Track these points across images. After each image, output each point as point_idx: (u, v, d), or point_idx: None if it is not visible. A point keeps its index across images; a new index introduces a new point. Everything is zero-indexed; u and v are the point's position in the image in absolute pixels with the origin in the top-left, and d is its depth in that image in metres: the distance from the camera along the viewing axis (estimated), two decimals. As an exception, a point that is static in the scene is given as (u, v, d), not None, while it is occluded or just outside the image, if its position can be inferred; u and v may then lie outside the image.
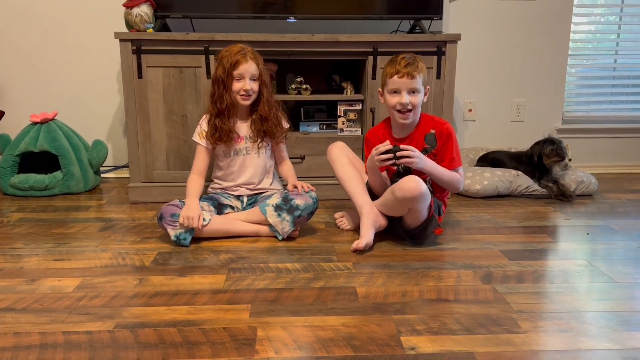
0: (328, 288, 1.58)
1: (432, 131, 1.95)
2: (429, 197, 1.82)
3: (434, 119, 2.02)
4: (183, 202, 1.96)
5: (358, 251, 1.87)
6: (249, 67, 2.01)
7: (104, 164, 2.85)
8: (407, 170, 1.88)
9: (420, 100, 1.94)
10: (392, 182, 1.90)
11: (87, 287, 1.58)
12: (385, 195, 1.93)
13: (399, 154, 1.83)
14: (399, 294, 1.53)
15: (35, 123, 2.66)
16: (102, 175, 2.94)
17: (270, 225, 1.97)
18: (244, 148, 2.11)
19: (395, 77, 1.92)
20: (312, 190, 2.03)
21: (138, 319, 1.39)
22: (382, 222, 1.97)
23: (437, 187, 1.99)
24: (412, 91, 1.92)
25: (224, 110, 2.04)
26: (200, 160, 2.12)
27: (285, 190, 2.06)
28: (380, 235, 2.01)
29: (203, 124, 2.11)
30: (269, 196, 2.06)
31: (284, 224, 1.96)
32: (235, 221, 2.02)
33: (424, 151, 1.92)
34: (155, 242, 1.96)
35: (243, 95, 2.03)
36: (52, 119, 2.69)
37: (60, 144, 2.62)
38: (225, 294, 1.53)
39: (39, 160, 2.68)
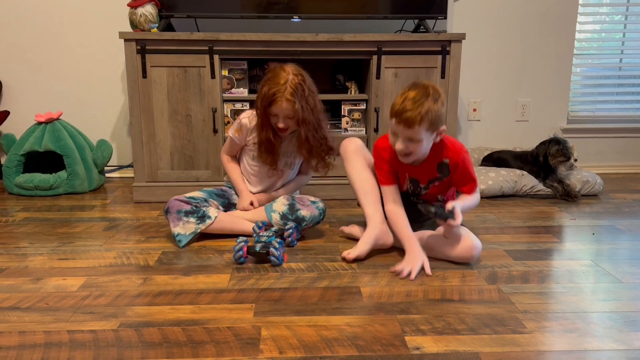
0: (332, 288, 1.57)
1: (446, 161, 1.77)
2: (479, 245, 1.75)
3: (447, 146, 1.77)
4: (191, 198, 1.96)
5: (345, 261, 1.78)
6: (283, 109, 1.89)
7: (108, 164, 2.86)
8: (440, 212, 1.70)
9: (423, 147, 1.69)
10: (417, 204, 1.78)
11: (92, 286, 1.58)
12: (429, 240, 1.80)
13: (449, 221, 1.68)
14: (403, 294, 1.53)
15: (40, 123, 2.67)
16: (107, 174, 2.95)
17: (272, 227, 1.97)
18: (282, 165, 2.08)
19: (394, 120, 1.67)
20: (319, 200, 2.02)
21: (142, 318, 1.39)
22: (388, 241, 1.85)
23: (450, 196, 1.91)
24: (410, 140, 1.67)
25: (263, 140, 1.97)
26: (230, 148, 2.12)
27: (292, 196, 2.03)
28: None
29: (245, 122, 2.02)
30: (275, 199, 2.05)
31: (288, 232, 1.94)
32: (241, 220, 2.01)
33: (435, 179, 1.81)
34: (160, 242, 1.97)
35: (279, 129, 1.96)
36: (57, 119, 2.69)
37: (65, 143, 2.62)
38: (230, 294, 1.53)
39: (44, 160, 2.69)
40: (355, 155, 1.91)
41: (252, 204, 2.05)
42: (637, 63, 3.26)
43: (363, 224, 1.94)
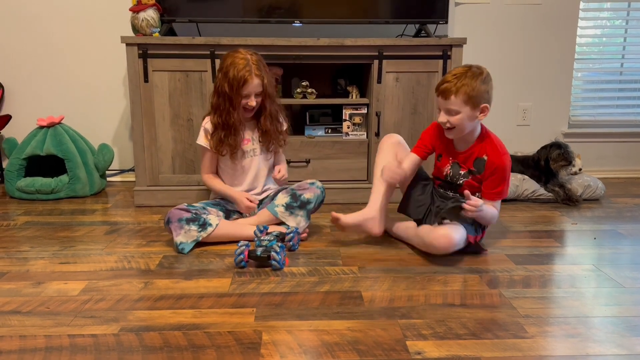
0: (333, 292, 1.57)
1: (485, 157, 1.83)
2: (462, 241, 1.78)
3: (493, 145, 1.85)
4: (191, 205, 1.96)
5: (333, 219, 1.91)
6: (254, 85, 1.97)
7: (109, 168, 2.86)
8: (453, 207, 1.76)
9: (463, 119, 1.77)
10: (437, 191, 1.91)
11: (93, 290, 1.58)
12: (408, 231, 1.95)
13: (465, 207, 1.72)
14: (404, 299, 1.53)
15: (42, 127, 2.67)
16: (108, 178, 2.95)
17: (282, 223, 1.99)
18: (252, 150, 2.10)
19: (436, 94, 1.83)
20: (316, 181, 2.07)
21: (143, 322, 1.38)
22: (375, 229, 1.94)
23: None
24: (449, 112, 1.78)
25: (230, 124, 2.01)
26: (208, 163, 2.12)
27: (289, 187, 2.06)
28: (387, 239, 2.01)
29: (207, 126, 2.07)
30: (273, 197, 2.07)
31: (299, 220, 1.98)
32: (244, 225, 2.01)
33: (469, 172, 1.87)
34: (161, 246, 1.96)
35: (246, 109, 2.02)
36: (59, 123, 2.70)
37: (66, 147, 2.63)
38: (231, 298, 1.53)
39: (46, 164, 2.69)
40: (388, 147, 2.02)
41: (250, 201, 2.04)
42: (638, 68, 3.26)
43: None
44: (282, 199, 2.01)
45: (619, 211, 2.46)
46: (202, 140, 2.09)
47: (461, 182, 1.90)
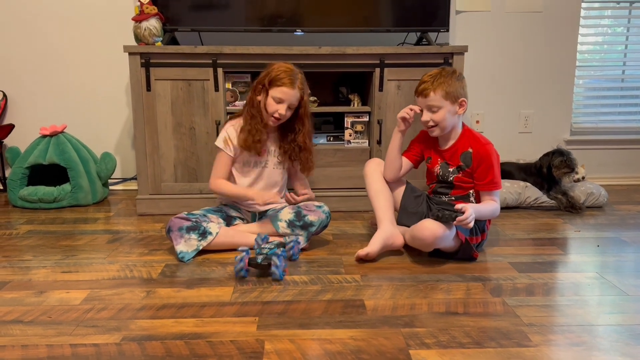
0: (336, 301, 1.56)
1: (470, 150, 1.92)
2: (449, 236, 1.79)
3: (475, 138, 1.95)
4: (191, 214, 1.96)
5: (359, 260, 1.87)
6: (292, 94, 1.93)
7: (112, 176, 2.86)
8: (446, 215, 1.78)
9: (444, 116, 1.89)
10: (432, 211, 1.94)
11: (95, 299, 1.58)
12: (406, 233, 1.94)
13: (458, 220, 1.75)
14: (407, 307, 1.52)
15: (44, 136, 2.68)
16: (111, 187, 2.96)
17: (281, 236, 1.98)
18: (265, 161, 2.07)
19: (415, 96, 1.96)
20: (323, 204, 2.03)
21: (145, 331, 1.38)
22: (397, 241, 1.94)
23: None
24: (431, 110, 1.90)
25: (257, 115, 1.97)
26: (222, 167, 2.03)
27: (297, 205, 2.03)
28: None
29: (230, 131, 2.02)
30: (280, 209, 2.05)
31: (298, 240, 1.96)
32: (244, 233, 2.01)
33: (458, 168, 1.94)
34: (163, 254, 1.96)
35: (275, 117, 1.96)
36: (62, 132, 2.71)
37: (69, 156, 2.63)
38: (233, 307, 1.52)
39: (48, 173, 2.70)
40: (372, 171, 2.06)
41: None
42: (639, 75, 3.26)
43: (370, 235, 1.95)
44: (287, 214, 2.00)
45: (622, 218, 2.45)
46: (220, 142, 2.02)
47: (451, 178, 1.96)
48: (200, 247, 1.90)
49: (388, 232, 1.92)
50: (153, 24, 2.45)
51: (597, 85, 3.29)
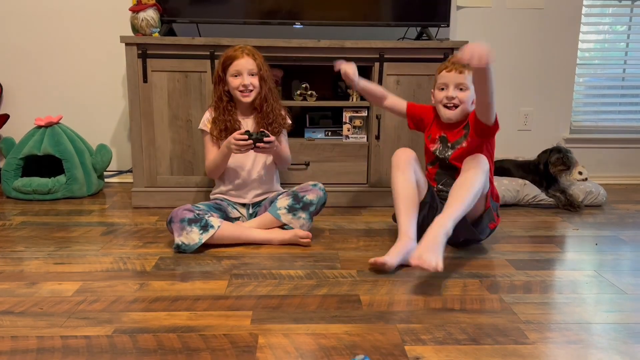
0: (331, 295, 1.55)
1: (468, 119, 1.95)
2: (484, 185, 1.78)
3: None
4: (196, 206, 1.94)
5: (374, 267, 1.73)
6: (245, 63, 2.00)
7: (107, 169, 2.84)
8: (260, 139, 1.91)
9: (469, 97, 1.90)
10: None
11: (87, 291, 1.56)
12: None
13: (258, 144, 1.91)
14: (403, 303, 1.50)
15: (39, 127, 2.66)
16: (106, 179, 2.93)
17: (284, 226, 1.98)
18: None
19: (444, 71, 1.92)
20: (317, 183, 2.06)
21: (137, 324, 1.36)
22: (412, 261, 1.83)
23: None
24: (460, 87, 1.90)
25: (225, 107, 2.04)
26: (212, 149, 2.09)
27: (291, 190, 2.04)
28: (387, 244, 1.99)
29: (207, 115, 2.11)
30: (275, 199, 2.04)
31: (302, 222, 1.97)
32: (246, 228, 1.99)
33: (464, 137, 1.93)
34: (157, 247, 1.94)
35: (242, 91, 2.02)
36: (57, 123, 2.68)
37: (64, 147, 2.61)
38: (227, 300, 1.51)
39: (43, 164, 2.68)
40: (407, 166, 1.91)
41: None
42: (640, 73, 3.25)
43: (372, 232, 1.95)
44: (284, 201, 1.99)
45: (620, 217, 2.44)
46: (203, 124, 2.11)
47: (449, 154, 1.95)
48: (202, 241, 1.87)
49: (409, 247, 1.75)
50: (150, 15, 2.43)
51: (597, 84, 3.27)
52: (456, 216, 1.67)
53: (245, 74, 2.00)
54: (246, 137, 1.91)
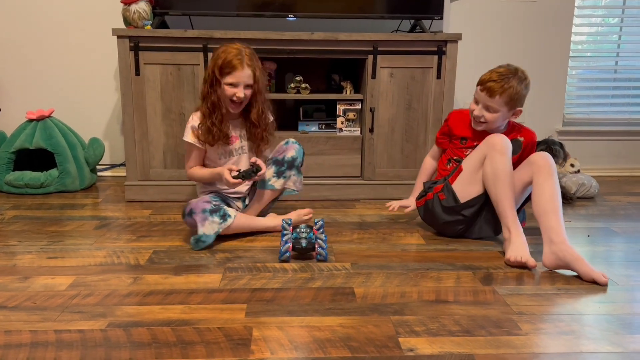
0: (325, 288, 1.55)
1: (521, 139, 1.98)
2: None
3: (523, 127, 2.04)
4: (214, 197, 1.95)
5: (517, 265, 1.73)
6: (244, 75, 1.91)
7: (100, 162, 2.82)
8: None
9: (498, 118, 1.92)
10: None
11: (81, 285, 1.55)
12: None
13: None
14: (397, 295, 1.51)
15: (31, 120, 2.64)
16: (99, 173, 2.92)
17: (283, 191, 2.04)
18: (240, 147, 2.07)
19: (479, 87, 1.93)
20: (288, 139, 2.10)
21: (131, 317, 1.36)
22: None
23: None
24: (488, 109, 1.91)
25: (215, 110, 1.95)
26: (195, 158, 2.03)
27: (269, 158, 2.09)
28: (380, 236, 2.00)
29: (194, 123, 1.99)
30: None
31: (294, 179, 2.04)
32: (255, 218, 2.04)
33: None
34: (151, 241, 1.94)
35: (234, 101, 1.94)
36: (49, 116, 2.66)
37: (56, 141, 2.59)
38: (221, 294, 1.51)
39: (35, 158, 2.66)
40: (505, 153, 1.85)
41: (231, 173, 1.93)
42: (632, 66, 3.26)
43: (365, 225, 1.94)
44: (269, 172, 2.04)
45: (612, 209, 2.46)
46: (188, 137, 2.00)
47: None
48: (220, 230, 1.87)
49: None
50: (142, 7, 2.41)
51: (590, 76, 3.28)
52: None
53: (241, 86, 1.92)
54: (239, 180, 1.89)
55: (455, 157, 2.05)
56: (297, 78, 2.53)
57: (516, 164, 1.91)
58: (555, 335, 1.30)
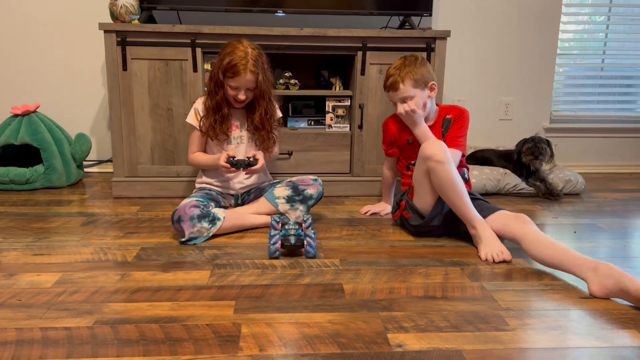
0: (314, 285, 1.55)
1: (449, 117, 2.04)
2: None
3: (453, 107, 2.10)
4: (198, 200, 1.92)
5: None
6: (246, 81, 1.97)
7: (87, 158, 2.80)
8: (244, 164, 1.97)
9: (419, 101, 1.97)
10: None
11: (67, 282, 1.54)
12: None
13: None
14: (386, 291, 1.51)
15: (16, 115, 2.60)
16: (86, 169, 2.89)
17: (279, 214, 2.00)
18: (239, 137, 2.10)
19: (386, 92, 2.04)
20: (317, 178, 2.09)
21: (119, 315, 1.35)
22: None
23: None
24: (404, 100, 1.96)
25: (217, 106, 2.02)
26: (196, 143, 2.11)
27: (290, 181, 2.06)
28: (369, 232, 2.00)
29: (198, 106, 2.09)
30: (271, 185, 2.09)
31: (298, 213, 2.02)
32: (246, 215, 2.02)
33: (441, 137, 2.01)
34: (139, 238, 1.92)
35: (236, 101, 2.02)
36: (34, 111, 2.63)
37: (42, 136, 2.56)
38: (210, 290, 1.50)
39: (20, 154, 2.62)
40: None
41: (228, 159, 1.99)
42: (619, 64, 3.29)
43: (354, 222, 1.93)
44: (283, 191, 2.02)
45: (598, 205, 2.48)
46: (191, 119, 2.09)
47: None
48: (210, 234, 1.88)
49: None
50: (130, 2, 2.38)
51: (577, 74, 3.31)
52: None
53: (243, 90, 1.99)
54: (228, 165, 1.94)
55: (412, 162, 2.05)
56: (286, 74, 2.52)
57: (449, 140, 1.99)
58: (542, 330, 1.31)
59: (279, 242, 1.75)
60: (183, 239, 1.85)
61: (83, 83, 2.88)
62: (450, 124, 2.02)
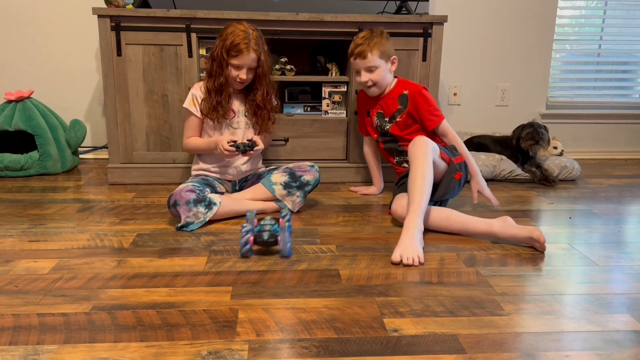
0: (311, 270, 1.56)
1: (406, 93, 2.11)
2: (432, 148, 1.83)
3: (409, 82, 2.17)
4: (194, 185, 1.91)
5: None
6: (249, 59, 1.98)
7: (82, 145, 2.78)
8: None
9: (382, 74, 2.08)
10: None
11: (64, 268, 1.54)
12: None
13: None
14: (382, 276, 1.52)
15: (10, 101, 2.58)
16: (81, 156, 2.88)
17: (276, 200, 2.02)
18: (236, 122, 2.10)
19: (352, 59, 2.11)
20: (314, 164, 2.09)
21: (116, 300, 1.35)
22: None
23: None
24: (370, 69, 2.07)
25: (220, 87, 2.02)
26: (192, 129, 2.10)
27: (287, 167, 2.07)
28: (365, 218, 2.01)
29: (196, 92, 2.07)
30: (268, 172, 2.08)
31: (295, 199, 2.03)
32: (243, 200, 2.01)
33: (398, 112, 2.12)
34: (135, 224, 1.92)
35: (238, 82, 2.02)
36: (28, 97, 2.61)
37: (36, 123, 2.54)
38: (206, 276, 1.50)
39: (15, 140, 2.61)
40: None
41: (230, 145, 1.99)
42: (615, 50, 3.28)
43: (350, 208, 1.97)
44: (280, 177, 2.02)
45: (593, 191, 2.49)
46: (188, 104, 2.08)
47: (387, 127, 2.15)
48: (207, 219, 1.88)
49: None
50: (123, -14, 2.35)
51: (573, 60, 3.30)
52: (421, 209, 1.73)
53: (245, 69, 1.99)
54: (234, 150, 1.94)
55: (398, 148, 2.14)
56: (282, 59, 2.50)
57: (412, 119, 2.10)
58: (537, 315, 1.32)
59: (251, 239, 1.63)
60: (179, 225, 1.85)
61: (77, 69, 2.86)
62: (407, 100, 2.09)
